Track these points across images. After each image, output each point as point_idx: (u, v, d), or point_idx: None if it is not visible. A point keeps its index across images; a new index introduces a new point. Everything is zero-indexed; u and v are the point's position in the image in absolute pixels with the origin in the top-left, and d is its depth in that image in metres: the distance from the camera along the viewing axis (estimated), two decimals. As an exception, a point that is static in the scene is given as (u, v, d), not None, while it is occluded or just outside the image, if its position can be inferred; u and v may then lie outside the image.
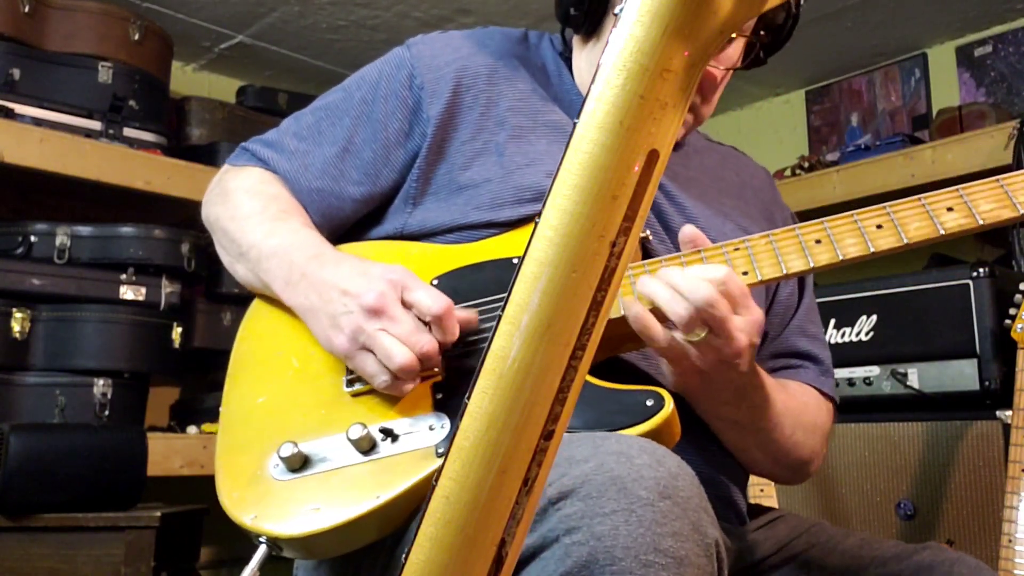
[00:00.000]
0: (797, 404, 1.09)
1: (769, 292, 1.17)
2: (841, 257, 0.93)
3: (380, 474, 0.88)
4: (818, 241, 0.95)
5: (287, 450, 0.90)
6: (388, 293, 0.92)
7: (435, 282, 1.03)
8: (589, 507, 0.70)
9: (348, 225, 1.16)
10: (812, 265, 0.94)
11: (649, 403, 0.88)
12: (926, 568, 0.98)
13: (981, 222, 0.91)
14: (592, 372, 0.93)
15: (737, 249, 0.97)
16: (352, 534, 0.88)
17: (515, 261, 1.02)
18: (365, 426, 0.90)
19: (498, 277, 1.01)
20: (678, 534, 0.69)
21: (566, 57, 1.19)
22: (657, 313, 0.91)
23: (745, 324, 0.90)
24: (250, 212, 1.10)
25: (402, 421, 0.92)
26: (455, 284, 1.02)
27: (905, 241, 0.92)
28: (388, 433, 0.91)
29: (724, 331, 0.89)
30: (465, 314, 0.95)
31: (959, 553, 1.01)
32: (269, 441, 0.95)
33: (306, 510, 0.88)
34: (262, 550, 0.88)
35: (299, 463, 0.91)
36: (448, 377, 0.95)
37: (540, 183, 1.05)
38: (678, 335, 0.91)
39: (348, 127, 1.13)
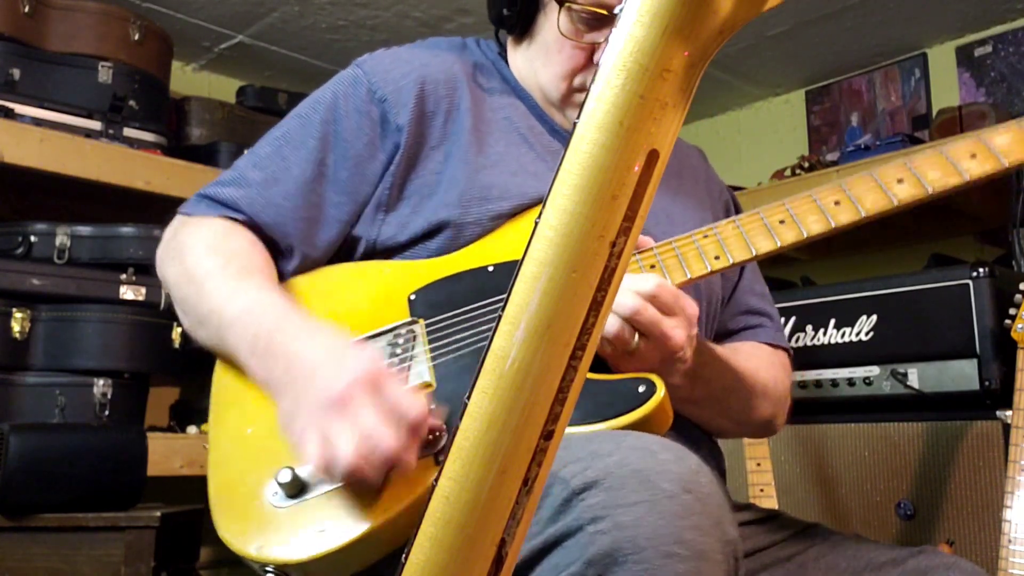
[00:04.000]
0: (750, 368, 1.14)
1: None
2: (806, 234, 0.98)
3: (383, 488, 0.86)
4: (782, 221, 0.99)
5: (285, 476, 0.88)
6: (355, 388, 0.84)
7: (413, 297, 1.03)
8: (613, 498, 0.70)
9: (336, 246, 1.12)
10: (779, 244, 0.99)
11: (641, 389, 0.89)
12: (922, 572, 0.98)
13: (930, 190, 0.96)
14: None
15: (706, 236, 1.02)
16: (360, 552, 0.86)
17: (490, 269, 1.03)
18: None
19: (475, 286, 1.01)
20: (699, 528, 0.70)
21: (504, 58, 1.23)
22: None
23: (678, 321, 0.93)
24: (208, 272, 1.03)
25: None
26: (432, 297, 1.02)
27: (863, 214, 0.97)
28: None
29: (657, 333, 0.91)
30: (438, 414, 0.90)
31: (956, 557, 1.01)
32: (264, 470, 0.92)
33: (311, 533, 0.86)
34: None
35: (297, 488, 0.88)
36: (442, 385, 0.94)
37: (504, 182, 1.08)
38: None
39: (315, 149, 1.10)
